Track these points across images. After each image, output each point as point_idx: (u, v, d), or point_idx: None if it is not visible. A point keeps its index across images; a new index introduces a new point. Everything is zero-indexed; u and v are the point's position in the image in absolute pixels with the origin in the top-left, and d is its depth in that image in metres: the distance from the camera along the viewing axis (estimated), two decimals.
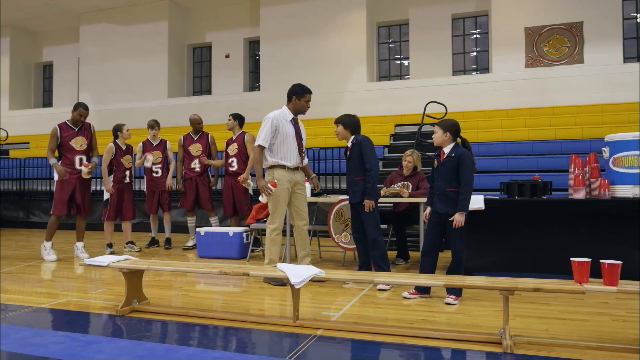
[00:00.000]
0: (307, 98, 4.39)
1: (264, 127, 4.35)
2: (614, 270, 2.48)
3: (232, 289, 4.15)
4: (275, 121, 4.34)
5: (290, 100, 4.43)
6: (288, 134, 4.35)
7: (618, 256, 4.26)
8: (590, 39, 10.21)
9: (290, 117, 4.42)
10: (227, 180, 6.40)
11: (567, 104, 10.02)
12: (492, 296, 3.72)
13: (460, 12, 11.75)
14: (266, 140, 4.30)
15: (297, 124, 4.45)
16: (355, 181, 4.15)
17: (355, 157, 4.16)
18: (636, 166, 4.21)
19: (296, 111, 4.43)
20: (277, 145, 4.34)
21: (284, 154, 4.35)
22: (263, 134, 4.31)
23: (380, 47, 12.68)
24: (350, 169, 4.20)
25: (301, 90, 4.38)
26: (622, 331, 2.88)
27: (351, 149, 4.20)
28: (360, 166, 4.14)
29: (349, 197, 4.21)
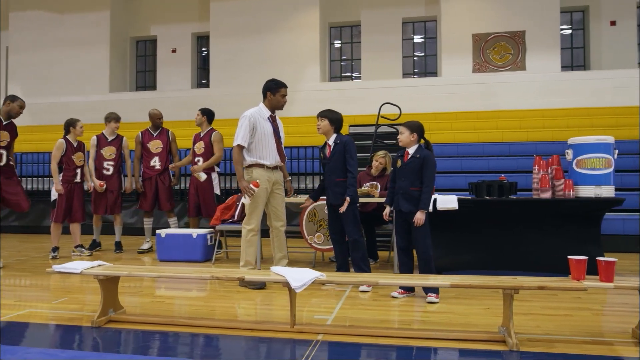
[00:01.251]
0: (283, 92, 4.26)
1: (241, 125, 4.18)
2: (610, 268, 2.57)
3: (209, 293, 3.94)
4: (252, 119, 4.18)
5: (265, 96, 4.29)
6: (266, 132, 4.21)
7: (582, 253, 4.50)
8: (532, 48, 10.80)
9: (267, 114, 4.28)
10: (194, 180, 6.08)
11: (511, 108, 10.53)
12: (474, 294, 3.80)
13: (410, 17, 12.02)
14: (245, 139, 4.14)
15: (275, 121, 4.32)
16: (337, 182, 4.06)
17: (338, 158, 4.07)
18: (599, 168, 4.46)
19: (273, 107, 4.30)
20: (255, 143, 4.19)
21: (262, 153, 4.20)
22: (241, 133, 4.15)
23: (331, 47, 12.71)
24: (331, 169, 4.10)
25: (275, 85, 4.25)
26: (607, 325, 3.02)
27: (333, 148, 4.10)
28: (342, 167, 4.06)
29: (329, 198, 4.11)
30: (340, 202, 4.03)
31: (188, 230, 5.67)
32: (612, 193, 4.49)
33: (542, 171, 4.73)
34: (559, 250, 4.57)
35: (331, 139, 4.14)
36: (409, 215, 3.67)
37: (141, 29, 13.24)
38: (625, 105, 10.09)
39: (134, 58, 13.61)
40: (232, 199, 5.88)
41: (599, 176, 4.47)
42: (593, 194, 4.47)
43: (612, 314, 3.29)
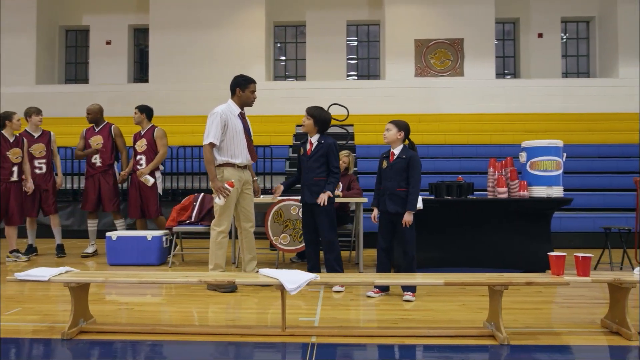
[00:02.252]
0: (252, 88, 4.15)
1: (212, 122, 4.02)
2: (586, 263, 2.75)
3: (179, 298, 3.74)
4: (224, 116, 4.04)
5: (234, 93, 4.16)
6: (237, 130, 4.09)
7: (535, 249, 4.80)
8: (470, 55, 11.35)
9: (237, 111, 4.15)
10: (135, 179, 5.75)
11: (451, 112, 11.00)
12: (445, 292, 3.92)
13: (354, 19, 12.21)
14: (217, 137, 3.99)
15: (244, 118, 4.20)
16: (316, 181, 4.01)
17: (319, 158, 4.02)
18: (550, 170, 4.77)
19: (242, 104, 4.17)
20: (226, 142, 4.05)
21: (234, 152, 4.07)
22: (213, 130, 3.99)
23: (276, 46, 12.61)
24: (310, 168, 4.04)
25: (244, 81, 4.13)
26: (576, 317, 3.22)
27: (315, 147, 4.06)
28: (321, 166, 4.03)
29: (305, 197, 4.05)
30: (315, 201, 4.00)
31: (142, 232, 5.38)
32: (561, 193, 4.82)
33: (497, 172, 4.98)
34: (514, 246, 4.85)
35: (314, 137, 4.09)
36: (394, 216, 3.71)
37: (72, 18, 12.39)
38: (552, 111, 10.89)
39: (64, 48, 12.71)
40: (188, 200, 5.65)
41: (550, 177, 4.78)
42: (545, 194, 4.77)
43: (575, 306, 3.52)
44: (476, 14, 11.29)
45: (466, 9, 11.29)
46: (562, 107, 11.01)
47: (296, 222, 4.88)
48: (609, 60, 11.47)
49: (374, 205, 3.95)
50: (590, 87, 11.21)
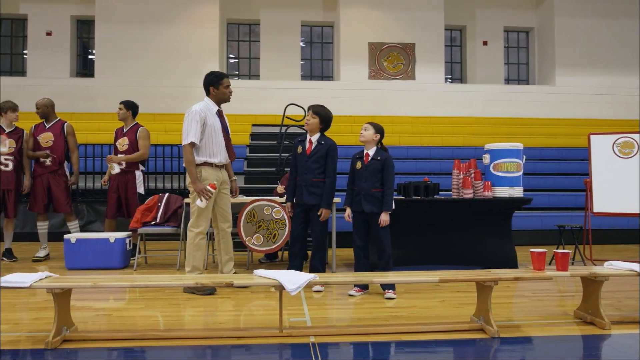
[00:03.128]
0: (226, 83, 4.06)
1: (190, 121, 3.92)
2: (565, 259, 2.95)
3: (157, 302, 3.60)
4: (202, 114, 3.95)
5: (208, 91, 4.08)
6: (216, 128, 4.01)
7: (498, 246, 5.06)
8: (420, 60, 11.72)
9: (215, 109, 4.07)
10: (115, 176, 5.45)
11: (403, 114, 11.31)
12: (422, 289, 4.04)
13: (309, 20, 12.25)
14: (197, 136, 3.89)
15: (222, 116, 4.12)
16: (314, 182, 4.02)
17: (319, 159, 4.02)
18: (512, 171, 5.03)
19: (219, 101, 4.10)
20: (204, 141, 3.96)
21: (212, 151, 3.98)
22: (193, 129, 3.89)
23: (229, 44, 12.41)
24: (309, 169, 4.03)
25: (216, 78, 4.03)
26: (550, 309, 3.43)
27: (316, 147, 4.05)
28: (321, 168, 4.04)
29: (302, 196, 4.03)
30: (315, 202, 4.01)
31: (104, 234, 5.12)
32: (521, 193, 5.10)
33: (462, 173, 5.19)
34: (479, 244, 5.08)
35: (314, 137, 4.08)
36: (370, 215, 3.79)
37: (7, 5, 11.53)
38: (496, 116, 11.48)
39: None
40: (152, 200, 5.44)
41: (511, 178, 5.04)
42: (507, 194, 5.03)
43: (545, 299, 3.74)
44: (427, 20, 11.68)
45: (417, 15, 11.65)
46: (504, 112, 11.62)
47: (270, 223, 4.85)
48: (547, 68, 12.24)
49: (347, 204, 4.01)
50: (530, 93, 11.91)
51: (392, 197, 3.81)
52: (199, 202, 3.84)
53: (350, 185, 3.99)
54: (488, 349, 2.58)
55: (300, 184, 4.07)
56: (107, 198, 5.47)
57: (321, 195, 4.00)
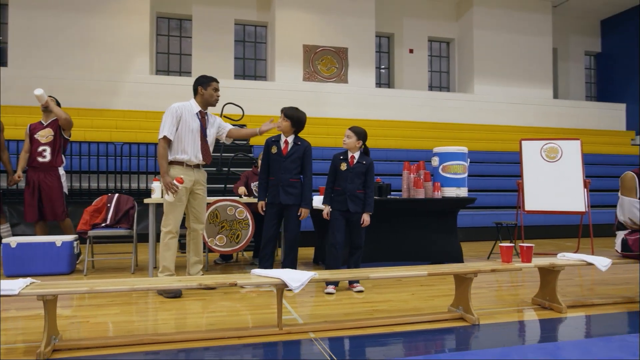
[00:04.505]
0: (214, 86, 4.05)
1: (166, 117, 3.90)
2: (529, 251, 3.29)
3: (134, 307, 3.47)
4: (178, 111, 3.90)
5: (197, 92, 4.05)
6: (191, 128, 3.94)
7: (445, 242, 5.43)
8: (353, 64, 12.10)
9: (196, 110, 4.01)
10: (33, 176, 5.08)
11: (337, 116, 11.61)
12: (389, 284, 4.27)
13: (243, 19, 12.14)
14: (171, 132, 3.83)
15: (204, 118, 4.05)
16: (291, 182, 4.08)
17: (296, 159, 4.09)
18: (459, 172, 5.44)
19: (205, 103, 4.05)
20: (177, 137, 3.88)
21: (184, 149, 3.91)
22: (167, 125, 3.84)
23: (158, 38, 11.94)
24: (286, 169, 4.09)
25: (206, 79, 4.05)
26: (509, 297, 3.79)
27: (292, 147, 4.11)
28: (298, 168, 4.10)
29: (280, 198, 4.06)
30: (292, 202, 4.07)
31: (49, 237, 4.77)
32: (466, 193, 5.53)
33: (413, 175, 5.51)
34: (428, 241, 5.43)
35: (290, 138, 4.12)
36: (353, 215, 3.95)
37: None
38: (422, 120, 12.16)
39: None
40: (101, 201, 5.16)
41: (458, 179, 5.45)
42: (455, 194, 5.43)
43: (502, 289, 4.13)
44: (359, 26, 12.08)
45: (350, 20, 12.01)
46: (430, 117, 12.34)
47: (233, 223, 4.82)
48: (466, 77, 13.18)
49: (327, 203, 4.13)
50: (451, 100, 12.75)
51: (373, 199, 4.01)
52: (167, 197, 3.80)
53: (331, 185, 4.10)
54: (476, 334, 2.82)
55: (275, 184, 4.11)
56: (25, 199, 5.06)
57: (297, 195, 4.08)
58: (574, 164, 5.91)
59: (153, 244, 4.59)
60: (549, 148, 5.99)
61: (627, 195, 3.54)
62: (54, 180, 5.06)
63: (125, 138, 8.82)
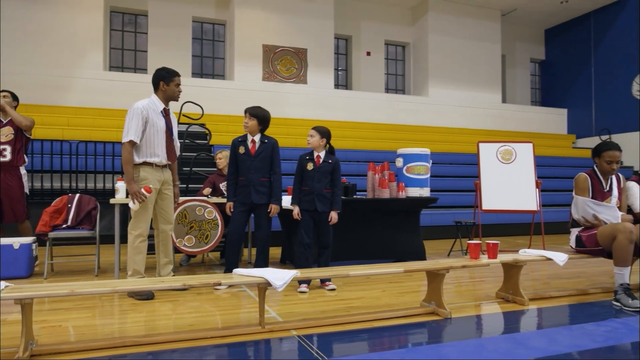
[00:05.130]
0: (177, 81, 3.96)
1: (131, 118, 3.76)
2: (495, 248, 3.49)
3: (104, 310, 3.39)
4: (144, 112, 3.81)
5: (158, 87, 3.94)
6: (158, 128, 3.87)
7: (409, 240, 5.62)
8: (312, 65, 12.19)
9: (161, 107, 3.93)
10: None
11: (296, 117, 11.66)
12: (357, 282, 4.38)
13: (200, 16, 11.96)
14: (137, 135, 3.74)
15: (168, 115, 3.98)
16: (262, 182, 4.09)
17: (264, 158, 4.09)
18: (422, 173, 5.63)
19: (167, 98, 3.97)
20: (145, 140, 3.81)
21: (153, 150, 3.84)
22: (133, 127, 3.73)
23: (112, 34, 11.56)
24: (256, 168, 4.09)
25: (168, 74, 3.93)
26: (475, 292, 3.99)
27: (260, 146, 4.11)
28: (267, 167, 4.10)
29: (252, 197, 4.05)
30: (264, 201, 4.09)
31: (6, 240, 4.55)
32: (429, 193, 5.73)
33: (378, 175, 5.66)
34: (394, 239, 5.59)
35: (257, 137, 4.12)
36: (321, 214, 4.02)
37: None
38: (379, 122, 12.42)
39: None
40: (61, 201, 4.98)
41: (421, 180, 5.64)
42: (418, 194, 5.62)
43: (465, 285, 4.32)
44: (318, 28, 12.18)
45: (310, 21, 12.10)
46: (386, 119, 12.63)
47: (202, 223, 4.78)
48: (421, 81, 13.58)
49: (296, 203, 4.18)
50: (407, 102, 13.10)
51: (340, 197, 4.09)
52: (132, 205, 3.73)
53: (299, 185, 4.16)
54: (450, 327, 2.97)
55: (246, 184, 4.11)
56: None
57: (269, 193, 4.11)
58: (526, 165, 6.25)
59: (118, 246, 4.48)
60: (504, 150, 6.31)
61: (581, 195, 3.82)
62: (15, 179, 4.84)
63: (78, 136, 8.51)
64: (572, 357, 2.45)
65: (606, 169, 3.78)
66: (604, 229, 3.62)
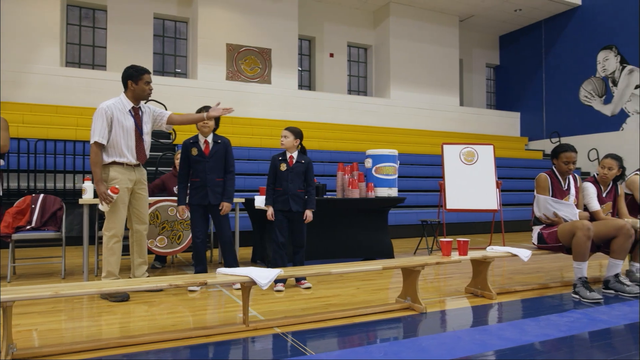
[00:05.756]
0: (146, 79, 3.88)
1: (96, 119, 3.72)
2: (465, 246, 3.66)
3: (80, 312, 3.32)
4: (108, 112, 3.74)
5: (127, 86, 3.87)
6: (126, 127, 3.80)
7: (378, 239, 5.77)
8: (276, 65, 12.20)
9: (129, 106, 3.87)
10: None
11: (260, 117, 11.65)
12: (331, 279, 4.47)
13: (162, 13, 11.74)
14: (103, 136, 3.68)
15: (138, 114, 3.92)
16: (217, 182, 4.06)
17: (219, 157, 4.08)
18: (390, 174, 5.79)
19: (137, 98, 3.90)
20: (112, 140, 3.74)
21: (121, 150, 3.78)
22: (98, 128, 3.68)
23: (69, 28, 11.16)
24: (210, 168, 4.05)
25: (136, 72, 3.85)
26: (446, 287, 4.16)
27: (214, 147, 4.08)
28: (221, 167, 4.09)
29: (209, 198, 4.03)
30: (219, 202, 4.06)
31: None
32: (396, 193, 5.90)
33: (348, 175, 5.77)
34: (362, 238, 5.72)
35: (209, 137, 4.10)
36: (296, 214, 4.09)
37: None
38: (341, 123, 12.58)
39: None
40: (24, 202, 4.80)
41: (389, 180, 5.80)
42: (387, 194, 5.78)
43: (434, 281, 4.50)
44: (282, 28, 12.21)
45: (274, 21, 12.11)
46: (349, 120, 12.81)
47: (174, 224, 4.74)
48: (383, 83, 13.85)
49: (270, 204, 4.22)
50: (369, 104, 13.33)
51: (314, 196, 4.17)
52: (101, 206, 3.68)
53: (272, 185, 4.20)
54: (427, 321, 3.10)
55: (202, 185, 4.04)
56: None
57: (222, 193, 4.09)
58: (487, 166, 6.54)
59: (87, 247, 4.39)
60: (467, 152, 6.58)
61: (542, 193, 4.06)
62: None
63: (35, 134, 8.19)
64: (543, 345, 2.63)
65: (564, 169, 4.04)
66: (563, 226, 3.87)
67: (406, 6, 13.60)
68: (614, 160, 4.20)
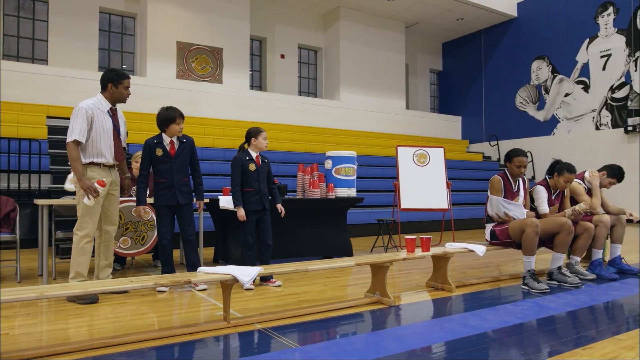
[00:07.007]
0: (126, 84, 3.87)
1: (76, 117, 3.66)
2: (428, 242, 3.91)
3: (59, 315, 3.25)
4: (89, 111, 3.70)
5: (106, 88, 3.84)
6: (105, 127, 3.78)
7: (336, 238, 5.96)
8: (228, 65, 12.14)
9: (107, 107, 3.83)
10: None
11: (211, 116, 11.54)
12: (299, 277, 4.61)
13: (108, 7, 11.37)
14: (82, 134, 3.63)
15: (115, 115, 3.89)
16: (184, 182, 4.09)
17: (184, 157, 4.10)
18: (349, 175, 6.00)
19: (114, 100, 3.88)
20: (91, 140, 3.70)
21: (100, 150, 3.74)
22: (77, 127, 3.62)
23: (6, 19, 10.56)
24: (177, 168, 4.06)
25: (117, 77, 3.84)
26: (408, 282, 4.40)
27: (180, 146, 4.09)
28: (187, 166, 4.12)
29: (178, 198, 4.04)
30: (189, 201, 4.09)
31: None
32: (355, 194, 6.11)
33: (308, 176, 5.92)
34: (322, 237, 5.89)
35: (174, 137, 4.09)
36: (264, 212, 4.20)
37: None
38: (292, 123, 12.71)
39: None
40: None
41: (349, 181, 6.01)
42: (346, 194, 5.98)
43: (395, 277, 4.74)
44: (234, 27, 12.17)
45: (226, 21, 12.04)
46: (300, 121, 12.96)
47: (138, 225, 4.68)
48: (333, 85, 14.12)
49: (240, 205, 4.29)
50: (319, 105, 13.55)
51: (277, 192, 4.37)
52: (86, 200, 3.62)
53: (240, 187, 4.26)
54: (398, 313, 3.31)
55: (168, 186, 4.04)
56: None
57: (191, 193, 4.15)
58: (438, 168, 6.91)
59: (46, 249, 4.27)
60: (419, 154, 6.91)
61: (495, 194, 4.40)
62: None
63: None
64: (504, 331, 2.90)
65: (515, 172, 4.40)
66: (514, 223, 4.22)
67: (355, 10, 13.94)
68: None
